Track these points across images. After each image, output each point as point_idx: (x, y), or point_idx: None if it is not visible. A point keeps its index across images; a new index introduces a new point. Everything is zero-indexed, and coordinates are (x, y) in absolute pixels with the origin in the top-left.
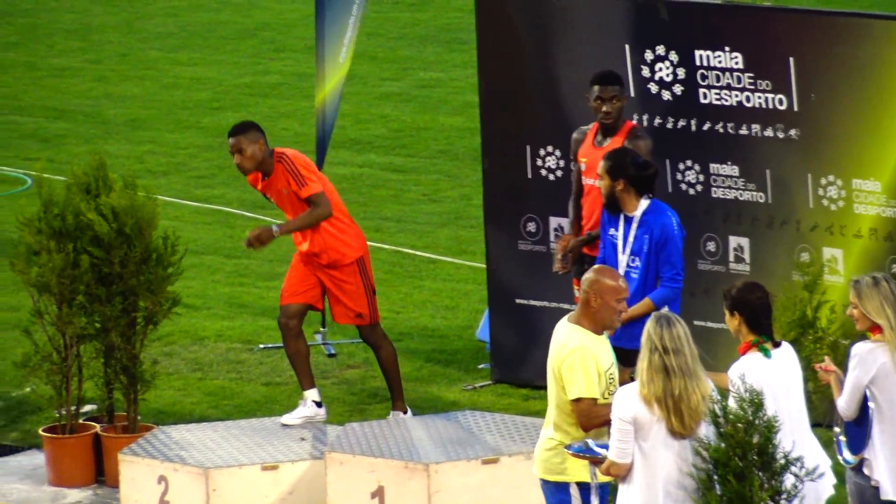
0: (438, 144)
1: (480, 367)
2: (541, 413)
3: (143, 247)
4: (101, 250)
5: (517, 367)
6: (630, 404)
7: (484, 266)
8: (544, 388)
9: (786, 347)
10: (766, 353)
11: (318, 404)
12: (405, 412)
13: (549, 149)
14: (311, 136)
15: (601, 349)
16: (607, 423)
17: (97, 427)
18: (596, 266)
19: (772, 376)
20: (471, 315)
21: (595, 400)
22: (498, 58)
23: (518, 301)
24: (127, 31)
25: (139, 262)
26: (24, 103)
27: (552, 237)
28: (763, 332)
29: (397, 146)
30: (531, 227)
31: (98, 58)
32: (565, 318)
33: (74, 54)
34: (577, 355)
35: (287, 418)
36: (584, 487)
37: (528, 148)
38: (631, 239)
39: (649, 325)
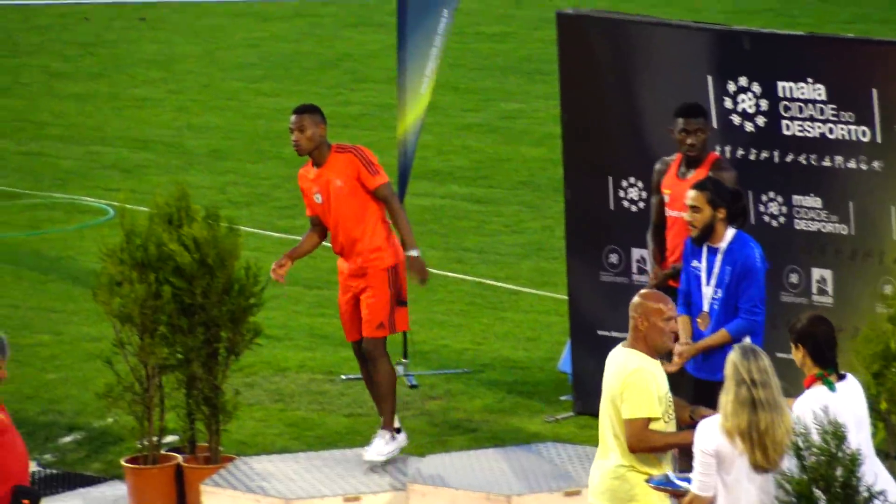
0: (520, 175)
1: (562, 398)
2: None
3: (225, 277)
4: (183, 281)
5: (599, 398)
6: (713, 437)
7: (566, 297)
8: None
9: (851, 380)
10: (831, 387)
11: (398, 430)
12: (398, 432)
13: (632, 180)
14: (393, 167)
15: (659, 372)
16: (655, 449)
17: (179, 458)
18: (641, 291)
19: (837, 409)
20: (552, 347)
21: (650, 420)
22: (580, 89)
23: (600, 332)
24: (209, 62)
25: (221, 293)
26: (107, 134)
27: (634, 269)
28: (828, 365)
29: (479, 177)
30: (613, 258)
31: (180, 88)
32: (620, 344)
33: (156, 85)
34: (638, 375)
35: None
36: None
37: (611, 179)
38: (716, 270)
39: (735, 357)
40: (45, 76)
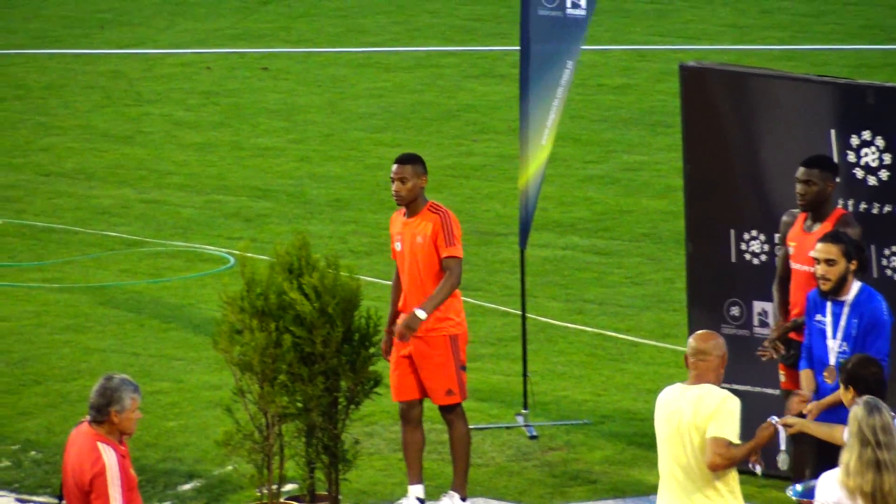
0: (642, 227)
1: None
2: (746, 498)
3: (346, 327)
4: (303, 330)
5: None
6: (833, 491)
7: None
8: (746, 472)
9: None
10: None
11: (421, 501)
12: (464, 499)
13: (754, 233)
14: (514, 218)
15: None
16: (736, 461)
17: None
18: (702, 334)
19: None
20: None
21: (731, 443)
22: (702, 141)
23: (721, 386)
24: (330, 112)
25: (341, 342)
26: (229, 182)
27: (755, 322)
28: None
29: (600, 229)
30: (735, 311)
31: (302, 138)
32: (678, 384)
33: (278, 134)
34: (732, 401)
35: None
36: None
37: (733, 232)
38: (843, 323)
39: (859, 415)
40: (167, 125)
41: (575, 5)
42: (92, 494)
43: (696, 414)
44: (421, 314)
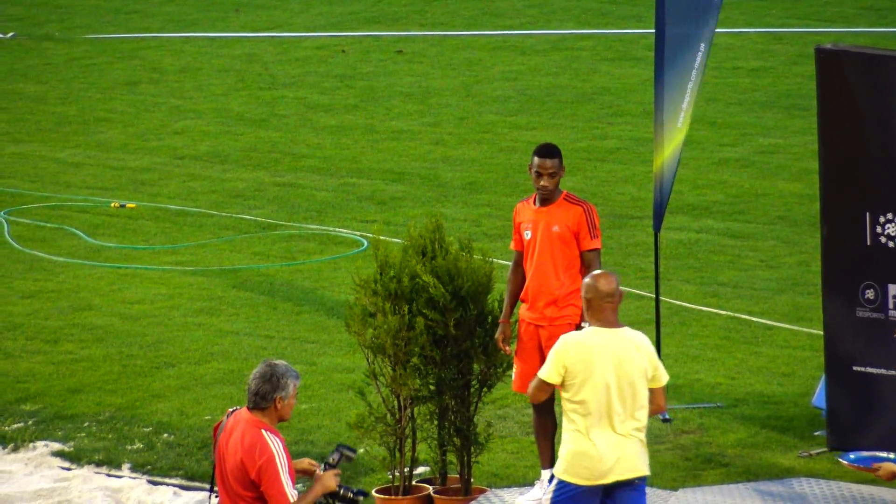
0: (777, 210)
1: (816, 433)
2: (878, 482)
3: (479, 310)
4: (436, 312)
5: (853, 434)
6: None
7: (821, 333)
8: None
9: None
10: None
11: None
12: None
13: (889, 216)
14: (648, 201)
15: None
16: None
17: (430, 489)
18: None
19: None
20: (807, 382)
21: None
22: (838, 124)
23: (855, 368)
24: (465, 95)
25: (474, 325)
26: (363, 165)
27: (890, 304)
28: None
29: (735, 212)
30: (869, 294)
31: (436, 121)
32: (595, 327)
33: (412, 117)
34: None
35: (521, 500)
36: None
37: (868, 215)
38: None
39: None
40: (302, 108)
41: None
42: (263, 485)
43: (635, 361)
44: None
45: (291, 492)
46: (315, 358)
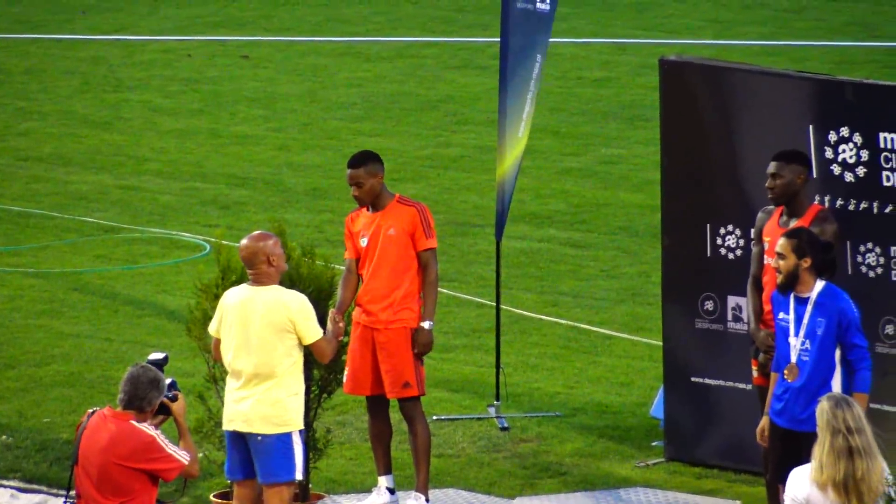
0: (618, 221)
1: (654, 444)
2: (715, 492)
3: (320, 315)
4: None
5: (691, 445)
6: (803, 486)
7: (660, 343)
8: (720, 467)
9: None
10: None
11: (391, 491)
12: (427, 501)
13: (730, 227)
14: (491, 210)
15: None
16: (333, 351)
17: None
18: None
19: None
20: (645, 392)
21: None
22: (680, 135)
23: (693, 379)
24: (310, 101)
25: None
26: (207, 170)
27: (729, 316)
28: None
29: (576, 221)
30: (709, 305)
31: (280, 126)
32: (245, 285)
33: (257, 122)
34: (307, 302)
35: None
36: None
37: (709, 226)
38: (805, 321)
39: (827, 407)
40: (146, 111)
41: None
42: (150, 463)
43: (269, 317)
44: (427, 325)
45: (181, 453)
46: None
